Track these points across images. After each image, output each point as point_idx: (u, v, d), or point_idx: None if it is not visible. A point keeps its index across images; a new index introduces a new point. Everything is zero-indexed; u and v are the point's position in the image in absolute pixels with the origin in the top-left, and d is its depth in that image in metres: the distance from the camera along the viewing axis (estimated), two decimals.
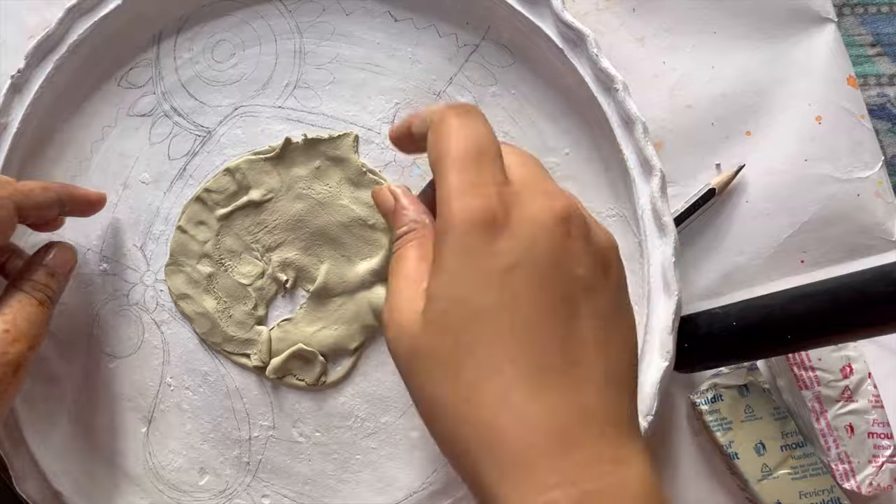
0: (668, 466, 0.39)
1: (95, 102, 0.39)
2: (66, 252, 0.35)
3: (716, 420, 0.38)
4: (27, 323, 0.32)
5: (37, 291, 0.33)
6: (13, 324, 0.32)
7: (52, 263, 0.35)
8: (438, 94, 0.38)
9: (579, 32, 0.36)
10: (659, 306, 0.36)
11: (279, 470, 0.38)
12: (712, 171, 0.40)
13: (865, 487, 0.37)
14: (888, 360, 0.39)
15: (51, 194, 0.34)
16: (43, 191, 0.34)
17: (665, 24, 0.40)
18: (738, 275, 0.39)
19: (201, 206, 0.39)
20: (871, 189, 0.39)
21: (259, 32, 0.39)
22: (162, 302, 0.39)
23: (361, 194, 0.38)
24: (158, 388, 0.39)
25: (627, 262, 0.37)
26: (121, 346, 0.39)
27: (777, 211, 0.39)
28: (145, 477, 0.39)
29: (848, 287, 0.32)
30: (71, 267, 0.36)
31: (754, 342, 0.35)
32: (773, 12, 0.40)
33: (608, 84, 0.36)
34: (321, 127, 0.39)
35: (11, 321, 0.32)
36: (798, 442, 0.38)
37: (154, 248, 0.39)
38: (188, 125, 0.39)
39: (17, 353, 0.32)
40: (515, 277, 0.24)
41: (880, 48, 0.43)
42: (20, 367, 0.32)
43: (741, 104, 0.40)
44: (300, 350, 0.38)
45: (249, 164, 0.38)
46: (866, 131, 0.40)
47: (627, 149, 0.36)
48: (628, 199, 0.37)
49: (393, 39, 0.39)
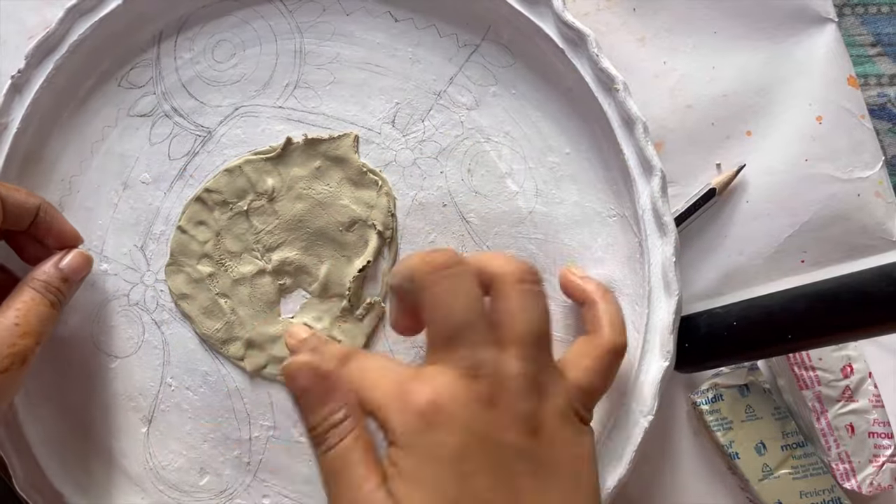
0: (669, 466, 0.39)
1: (95, 102, 0.39)
2: (83, 260, 0.36)
3: (716, 420, 0.38)
4: (37, 320, 0.33)
5: (49, 293, 0.34)
6: (24, 319, 0.33)
7: (67, 268, 0.35)
8: (439, 93, 0.38)
9: (580, 32, 0.36)
10: (659, 306, 0.36)
11: (279, 470, 0.38)
12: (713, 171, 0.40)
13: (866, 487, 0.37)
14: (888, 360, 0.39)
15: (34, 200, 0.35)
16: (27, 194, 0.35)
17: (665, 24, 0.40)
18: (739, 274, 0.39)
19: (201, 206, 0.39)
20: (872, 189, 0.39)
21: (259, 32, 0.39)
22: (162, 302, 0.39)
23: (362, 194, 0.38)
24: (159, 389, 0.39)
25: (628, 262, 0.37)
26: (121, 346, 0.39)
27: (777, 211, 0.39)
28: (145, 477, 0.39)
29: (848, 287, 0.32)
30: (84, 275, 0.36)
31: (755, 342, 0.35)
32: (774, 12, 0.40)
33: (609, 84, 0.36)
34: (321, 127, 0.39)
35: (23, 316, 0.33)
36: (798, 442, 0.38)
37: (154, 248, 0.39)
38: (188, 125, 0.39)
39: (24, 346, 0.33)
40: (464, 465, 0.26)
41: (881, 48, 0.43)
42: (27, 360, 0.33)
43: (742, 104, 0.40)
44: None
45: (250, 164, 0.38)
46: (867, 131, 0.40)
47: (628, 149, 0.36)
48: (629, 198, 0.37)
49: (393, 39, 0.39)
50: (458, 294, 0.27)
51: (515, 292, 0.28)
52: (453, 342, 0.27)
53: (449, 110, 0.38)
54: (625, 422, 0.35)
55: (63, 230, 0.36)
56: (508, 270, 0.28)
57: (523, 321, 0.27)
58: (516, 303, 0.28)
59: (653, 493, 0.39)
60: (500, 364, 0.27)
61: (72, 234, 0.37)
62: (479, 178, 0.38)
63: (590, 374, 0.30)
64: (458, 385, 0.26)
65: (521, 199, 0.38)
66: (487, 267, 0.28)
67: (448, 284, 0.27)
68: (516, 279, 0.28)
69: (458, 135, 0.38)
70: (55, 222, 0.36)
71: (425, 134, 0.38)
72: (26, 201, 0.35)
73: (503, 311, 0.28)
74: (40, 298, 0.34)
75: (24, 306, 0.33)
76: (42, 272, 0.35)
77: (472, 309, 0.27)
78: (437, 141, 0.38)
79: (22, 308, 0.33)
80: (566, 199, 0.38)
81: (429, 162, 0.38)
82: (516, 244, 0.38)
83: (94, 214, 0.39)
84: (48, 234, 0.36)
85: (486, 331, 0.27)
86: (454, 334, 0.27)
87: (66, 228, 0.37)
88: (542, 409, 0.27)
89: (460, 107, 0.38)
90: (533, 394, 0.27)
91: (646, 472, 0.38)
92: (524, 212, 0.38)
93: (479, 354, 0.27)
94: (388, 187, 0.38)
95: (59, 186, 0.39)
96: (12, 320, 0.33)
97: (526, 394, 0.27)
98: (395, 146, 0.38)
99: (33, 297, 0.34)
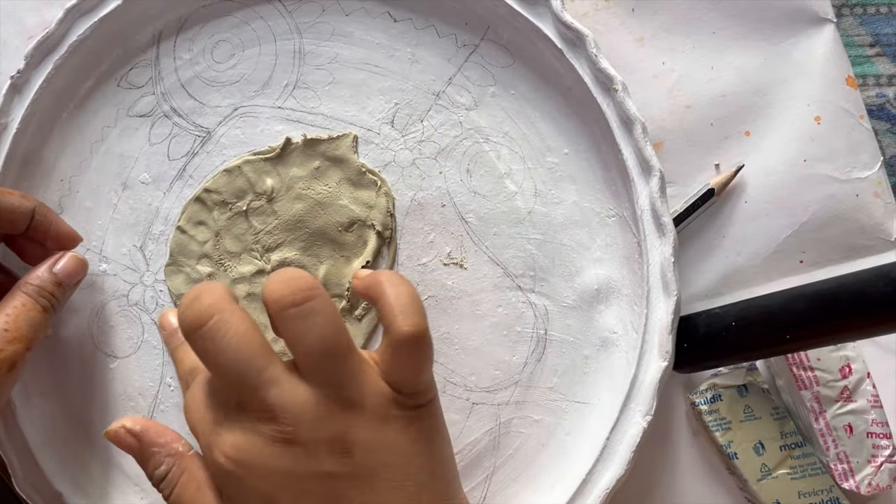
0: (668, 466, 0.39)
1: (95, 103, 0.39)
2: (78, 264, 0.36)
3: (715, 420, 0.38)
4: (27, 325, 0.33)
5: (42, 298, 0.34)
6: (14, 324, 0.33)
7: (61, 273, 0.35)
8: (437, 94, 0.38)
9: (578, 33, 0.36)
10: (658, 306, 0.36)
11: None
12: (711, 172, 0.40)
13: (864, 487, 0.37)
14: (887, 360, 0.39)
15: (29, 202, 0.35)
16: (21, 197, 0.35)
17: (664, 25, 0.40)
18: (737, 275, 0.39)
19: (201, 207, 0.39)
20: (870, 189, 0.39)
21: (258, 33, 0.39)
22: (162, 302, 0.39)
23: (361, 194, 0.38)
24: (158, 389, 0.39)
25: (626, 262, 0.37)
26: (121, 347, 0.39)
27: (776, 211, 0.39)
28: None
29: (847, 287, 0.32)
30: (79, 279, 0.36)
31: (753, 342, 0.35)
32: (773, 13, 0.40)
33: (607, 84, 0.36)
34: (321, 127, 0.39)
35: (13, 321, 0.33)
36: (797, 442, 0.38)
37: (154, 249, 0.39)
38: (188, 125, 0.39)
39: (13, 351, 0.32)
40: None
41: (879, 48, 0.43)
42: (15, 366, 0.33)
43: (740, 104, 0.40)
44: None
45: (249, 164, 0.38)
46: (865, 131, 0.40)
47: (626, 149, 0.36)
48: (627, 199, 0.37)
49: (392, 40, 0.39)
50: (225, 338, 0.26)
51: (284, 320, 0.27)
52: (238, 387, 0.27)
53: (448, 110, 0.38)
54: (623, 422, 0.35)
55: (61, 231, 0.36)
56: (272, 300, 0.27)
57: (302, 345, 0.27)
58: (289, 331, 0.27)
59: (651, 493, 0.39)
60: (289, 397, 0.26)
61: (70, 234, 0.37)
62: (478, 178, 0.38)
63: (396, 367, 0.29)
64: (255, 432, 0.27)
65: (520, 200, 0.38)
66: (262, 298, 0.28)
67: (214, 331, 0.27)
68: (280, 308, 0.27)
69: (456, 135, 0.38)
70: (52, 224, 0.36)
71: (424, 134, 0.38)
72: (20, 205, 0.34)
73: (285, 341, 0.27)
74: (32, 303, 0.34)
75: (14, 311, 0.33)
76: (35, 276, 0.34)
77: (242, 351, 0.27)
78: (435, 141, 0.38)
79: (12, 313, 0.33)
80: (565, 199, 0.38)
81: (427, 162, 0.38)
82: (515, 244, 0.38)
83: (93, 215, 0.39)
84: (46, 236, 0.36)
85: (267, 365, 0.27)
86: (235, 381, 0.27)
87: (64, 230, 0.36)
88: (352, 422, 0.27)
89: (459, 107, 0.38)
90: (334, 414, 0.27)
91: (644, 472, 0.38)
92: (523, 212, 0.38)
93: (264, 396, 0.26)
94: (387, 187, 0.38)
95: (59, 186, 0.39)
96: (1, 325, 0.32)
97: (323, 418, 0.27)
98: (394, 146, 0.39)
99: (24, 301, 0.34)
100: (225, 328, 0.27)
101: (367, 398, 0.28)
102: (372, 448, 0.27)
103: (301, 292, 0.27)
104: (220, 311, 0.27)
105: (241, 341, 0.27)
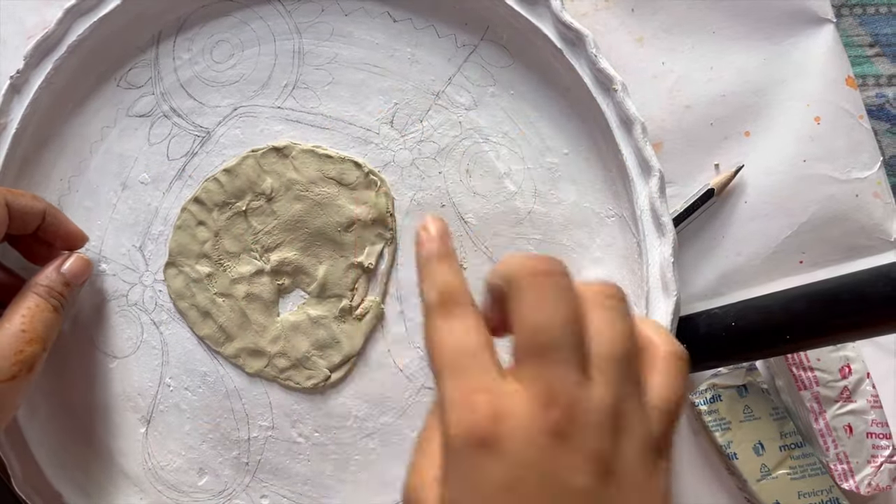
0: None
1: (94, 103, 0.39)
2: (84, 264, 0.36)
3: (714, 420, 0.38)
4: (42, 325, 0.34)
5: (52, 298, 0.35)
6: (31, 325, 0.33)
7: (69, 273, 0.36)
8: (437, 94, 0.38)
9: (578, 33, 0.36)
10: (658, 306, 0.36)
11: (278, 470, 0.38)
12: (711, 172, 0.40)
13: (864, 487, 0.37)
14: (887, 361, 0.39)
15: (40, 203, 0.35)
16: (32, 198, 0.35)
17: (664, 25, 0.40)
18: (737, 275, 0.39)
19: (200, 207, 0.39)
20: (870, 189, 0.39)
21: (258, 33, 0.39)
22: (161, 302, 0.39)
23: (360, 195, 0.38)
24: (157, 389, 0.39)
25: (626, 262, 0.37)
26: (120, 347, 0.39)
27: (776, 211, 0.39)
28: (144, 477, 0.39)
29: (846, 287, 0.32)
30: (85, 279, 0.37)
31: (753, 342, 0.35)
32: (772, 13, 0.40)
33: (607, 84, 0.36)
34: (320, 127, 0.39)
35: (29, 323, 0.33)
36: (797, 442, 0.38)
37: (153, 249, 0.39)
38: (187, 125, 0.39)
39: (32, 352, 0.33)
40: (512, 498, 0.22)
41: (879, 49, 0.43)
42: (34, 367, 0.33)
43: (740, 104, 0.40)
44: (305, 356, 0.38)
45: (248, 164, 0.38)
46: (865, 132, 0.40)
47: (626, 149, 0.36)
48: (627, 199, 0.37)
49: (392, 40, 0.39)
50: (554, 307, 0.24)
51: (600, 309, 0.25)
52: (535, 359, 0.24)
53: (447, 110, 0.38)
54: None
55: (70, 231, 0.37)
56: (594, 289, 0.25)
57: (609, 341, 0.24)
58: (602, 321, 0.24)
59: None
60: (580, 393, 0.23)
61: (78, 234, 0.37)
62: (478, 178, 0.38)
63: (663, 390, 0.25)
64: (527, 410, 0.23)
65: (520, 200, 0.38)
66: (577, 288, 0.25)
67: (545, 294, 0.24)
68: (604, 296, 0.25)
69: (456, 135, 0.38)
70: (62, 224, 0.36)
71: (423, 134, 0.38)
72: (32, 206, 0.35)
73: (587, 330, 0.24)
74: (44, 304, 0.34)
75: (29, 312, 0.34)
76: (45, 277, 0.35)
77: (565, 326, 0.24)
78: (435, 141, 0.38)
79: (27, 314, 0.33)
80: (564, 199, 0.38)
81: (427, 162, 0.38)
82: (514, 245, 0.38)
83: (92, 215, 0.39)
84: (56, 237, 0.36)
85: (575, 354, 0.24)
86: (538, 351, 0.24)
87: (73, 229, 0.37)
88: (620, 446, 0.23)
89: (459, 107, 0.38)
90: (612, 430, 0.23)
91: None
92: (522, 212, 0.38)
93: (559, 379, 0.23)
94: (387, 187, 0.38)
95: (58, 186, 0.39)
96: (18, 326, 0.33)
97: (604, 430, 0.23)
98: (393, 146, 0.39)
99: (38, 302, 0.34)
100: (569, 292, 0.24)
101: (639, 424, 0.24)
102: (623, 484, 0.23)
103: (618, 292, 0.25)
104: (567, 276, 0.24)
105: (573, 313, 0.24)
